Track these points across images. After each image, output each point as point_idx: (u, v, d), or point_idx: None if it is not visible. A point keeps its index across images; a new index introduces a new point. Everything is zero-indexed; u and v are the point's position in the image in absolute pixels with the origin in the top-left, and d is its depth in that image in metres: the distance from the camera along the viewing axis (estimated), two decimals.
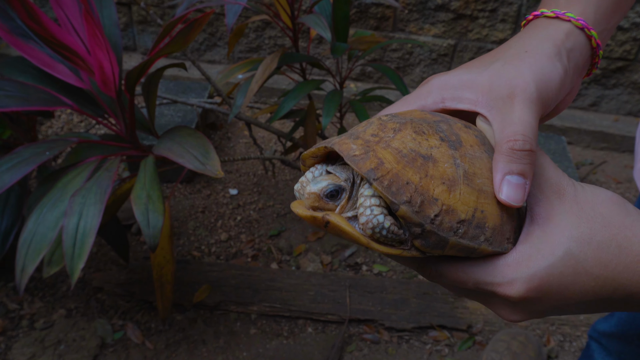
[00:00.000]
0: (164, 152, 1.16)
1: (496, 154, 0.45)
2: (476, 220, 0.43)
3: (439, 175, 0.42)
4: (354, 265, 1.84)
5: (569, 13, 0.52)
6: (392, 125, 0.45)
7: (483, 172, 0.45)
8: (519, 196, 0.43)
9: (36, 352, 1.52)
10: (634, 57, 2.46)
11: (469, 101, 0.48)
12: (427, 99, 0.49)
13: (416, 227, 0.41)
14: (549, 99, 0.49)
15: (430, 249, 0.42)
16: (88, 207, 1.09)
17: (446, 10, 2.48)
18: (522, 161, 0.44)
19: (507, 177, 0.43)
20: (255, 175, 2.22)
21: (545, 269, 0.42)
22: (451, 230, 0.42)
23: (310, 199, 0.43)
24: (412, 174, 0.42)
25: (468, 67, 0.50)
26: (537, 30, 0.52)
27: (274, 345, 1.59)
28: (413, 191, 0.41)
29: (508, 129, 0.45)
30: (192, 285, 1.69)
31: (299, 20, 1.49)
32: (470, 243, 0.43)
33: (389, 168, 0.42)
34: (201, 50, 2.77)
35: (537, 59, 0.49)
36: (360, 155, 0.43)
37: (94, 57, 1.12)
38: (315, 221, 0.43)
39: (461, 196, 0.43)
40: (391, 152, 0.43)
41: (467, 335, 1.63)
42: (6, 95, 1.15)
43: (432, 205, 0.42)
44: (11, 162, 1.14)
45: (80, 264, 1.06)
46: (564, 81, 0.50)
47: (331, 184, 0.44)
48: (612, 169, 2.39)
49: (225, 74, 1.68)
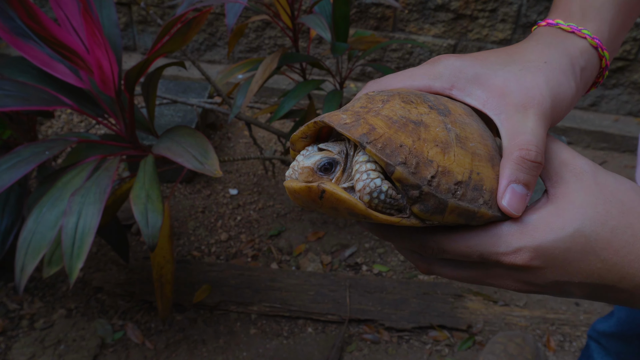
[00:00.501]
0: (163, 151, 1.16)
1: (505, 160, 0.44)
2: (473, 182, 0.42)
3: (431, 139, 0.42)
4: (354, 265, 1.84)
5: (585, 30, 0.51)
6: (380, 97, 0.45)
7: (475, 137, 0.44)
8: (520, 206, 0.43)
9: (36, 352, 1.52)
10: (634, 57, 2.46)
11: (478, 99, 0.47)
12: (435, 82, 0.48)
13: (414, 189, 0.40)
14: (558, 116, 0.48)
15: (429, 214, 0.41)
16: (87, 206, 1.09)
17: (446, 10, 2.48)
18: (530, 172, 0.44)
19: (512, 185, 0.43)
20: (255, 175, 2.22)
21: (552, 242, 0.41)
22: (449, 192, 0.41)
23: (304, 174, 0.42)
24: (404, 138, 0.41)
25: (482, 60, 0.49)
26: (555, 41, 0.51)
27: (274, 345, 1.59)
28: (407, 153, 0.41)
29: (521, 138, 0.44)
30: (192, 285, 1.69)
31: (299, 20, 1.49)
32: (469, 206, 0.42)
33: (381, 132, 0.41)
34: (201, 50, 2.77)
35: (556, 74, 0.48)
36: (351, 122, 0.42)
37: (93, 57, 1.12)
38: (310, 192, 0.41)
39: (456, 158, 0.42)
40: (382, 119, 0.42)
41: (467, 335, 1.63)
42: (6, 95, 1.15)
43: (427, 167, 0.41)
44: (11, 161, 1.14)
45: (79, 264, 1.06)
46: (573, 100, 0.50)
47: (325, 157, 0.43)
48: (612, 169, 2.39)
49: (225, 74, 1.68)
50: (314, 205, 0.43)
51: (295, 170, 0.44)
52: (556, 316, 1.69)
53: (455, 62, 0.48)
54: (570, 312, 1.72)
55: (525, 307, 1.72)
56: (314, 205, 0.43)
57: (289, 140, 0.47)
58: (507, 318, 1.67)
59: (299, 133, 0.46)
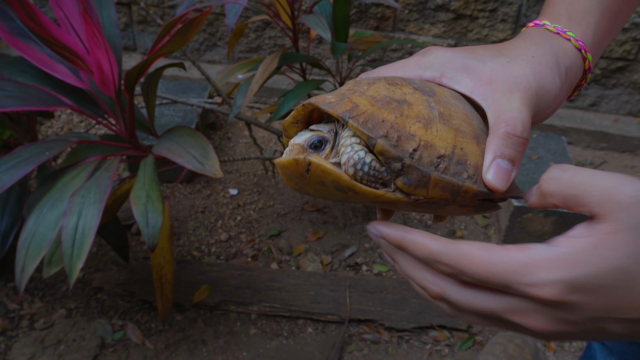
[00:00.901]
0: (163, 151, 1.16)
1: (491, 136, 0.45)
2: (456, 156, 0.43)
3: (414, 115, 0.43)
4: (354, 265, 1.84)
5: (570, 32, 0.53)
6: (367, 81, 0.47)
7: (459, 115, 0.45)
8: (504, 182, 0.43)
9: (36, 352, 1.52)
10: (634, 57, 2.46)
11: (466, 86, 0.48)
12: (425, 71, 0.49)
13: (396, 162, 0.41)
14: (542, 110, 0.49)
15: (413, 187, 0.42)
16: (87, 206, 1.09)
17: (446, 10, 2.48)
18: (516, 148, 0.44)
19: (497, 159, 0.43)
20: (255, 175, 2.22)
21: (591, 276, 0.36)
22: (432, 165, 0.42)
23: (295, 150, 0.43)
24: (387, 114, 0.42)
25: (472, 52, 0.50)
26: (542, 40, 0.53)
27: (274, 345, 1.59)
28: (389, 127, 0.42)
29: (507, 115, 0.45)
30: (192, 285, 1.69)
31: (299, 20, 1.49)
32: (453, 179, 0.42)
33: (364, 109, 0.42)
34: (201, 51, 2.77)
35: (542, 67, 0.49)
36: (335, 101, 0.44)
37: (92, 57, 1.12)
38: (298, 165, 0.42)
39: (438, 133, 0.43)
40: (365, 98, 0.44)
41: (467, 335, 1.63)
42: (6, 95, 1.15)
43: (409, 140, 0.42)
44: (11, 162, 1.14)
45: (79, 264, 1.06)
46: (558, 97, 0.51)
47: (315, 135, 0.44)
48: (612, 169, 2.39)
49: (225, 74, 1.68)
50: (302, 181, 0.43)
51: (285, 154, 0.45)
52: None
53: (445, 53, 0.50)
54: None
55: None
56: (303, 182, 0.44)
57: (282, 126, 0.48)
58: None
59: (289, 118, 0.47)
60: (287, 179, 0.45)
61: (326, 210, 2.04)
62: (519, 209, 1.81)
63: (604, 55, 2.47)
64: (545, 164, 2.01)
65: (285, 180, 0.46)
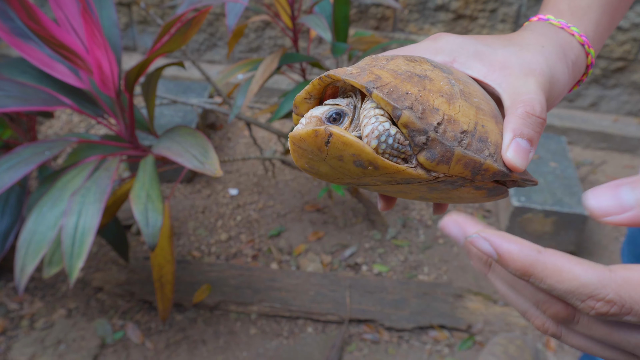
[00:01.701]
0: (163, 151, 1.16)
1: (509, 116, 0.44)
2: (478, 133, 0.42)
3: (436, 90, 0.42)
4: (354, 265, 1.84)
5: (574, 27, 0.53)
6: (384, 57, 0.46)
7: (478, 94, 0.45)
8: (524, 161, 0.43)
9: (36, 352, 1.52)
10: (634, 57, 2.46)
11: (479, 71, 0.48)
12: (436, 56, 0.49)
13: (420, 135, 0.40)
14: (551, 98, 0.49)
15: (435, 163, 0.41)
16: (87, 206, 1.09)
17: (446, 10, 2.48)
18: (535, 128, 0.44)
19: (517, 138, 0.43)
20: (255, 175, 2.22)
21: None
22: (455, 139, 0.41)
23: (312, 123, 0.41)
24: (410, 87, 0.41)
25: (482, 40, 0.50)
26: (549, 32, 0.53)
27: (274, 345, 1.59)
28: (414, 100, 0.41)
29: (525, 96, 0.45)
30: (192, 285, 1.69)
31: (299, 20, 1.49)
32: (475, 156, 0.41)
33: (387, 81, 0.41)
34: (201, 51, 2.77)
35: (553, 58, 0.50)
36: (357, 73, 0.42)
37: (92, 57, 1.12)
38: (317, 137, 0.40)
39: (461, 108, 0.42)
40: (387, 71, 0.43)
41: (467, 335, 1.63)
42: (6, 96, 1.15)
43: (433, 114, 0.41)
44: (11, 162, 1.14)
45: (79, 263, 1.06)
46: (565, 88, 0.51)
47: (333, 108, 0.42)
48: (612, 169, 2.39)
49: (225, 74, 1.68)
50: (318, 155, 0.41)
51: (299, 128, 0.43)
52: None
53: (456, 39, 0.50)
54: None
55: None
56: (318, 157, 0.41)
57: (294, 102, 0.46)
58: (507, 318, 1.67)
59: (303, 93, 0.45)
60: (298, 156, 0.42)
61: (326, 210, 2.04)
62: (518, 209, 1.81)
63: (604, 55, 2.47)
64: (545, 164, 2.01)
65: (295, 158, 0.43)
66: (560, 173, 1.97)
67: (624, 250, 0.97)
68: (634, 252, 0.91)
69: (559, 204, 1.81)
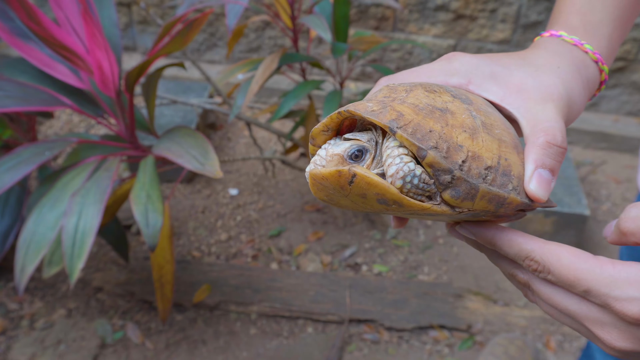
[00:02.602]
0: (163, 152, 1.16)
1: (530, 146, 0.44)
2: (502, 167, 0.42)
3: (459, 125, 0.42)
4: (354, 265, 1.84)
5: (587, 45, 0.52)
6: (403, 87, 0.45)
7: (499, 125, 0.44)
8: (546, 192, 0.43)
9: (36, 352, 1.52)
10: (634, 57, 2.46)
11: (496, 94, 0.47)
12: (452, 78, 0.48)
13: (445, 174, 0.40)
14: (570, 120, 0.49)
15: (460, 200, 0.40)
16: (87, 206, 1.09)
17: (446, 10, 2.48)
18: (556, 158, 0.43)
19: (539, 169, 0.43)
20: (255, 175, 2.22)
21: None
22: (480, 176, 0.41)
23: (334, 161, 0.41)
24: (433, 123, 0.41)
25: (497, 60, 0.49)
26: (562, 50, 0.52)
27: (274, 345, 1.59)
28: (437, 138, 0.40)
29: (545, 124, 0.44)
30: (192, 285, 1.69)
31: (299, 20, 1.49)
32: (499, 191, 0.41)
33: (409, 119, 0.41)
34: (201, 51, 2.77)
35: (569, 79, 0.49)
36: (378, 110, 0.41)
37: (92, 57, 1.12)
38: (340, 177, 0.39)
39: (484, 143, 0.42)
40: (408, 106, 0.42)
41: (467, 335, 1.63)
42: (6, 96, 1.15)
43: (458, 152, 0.40)
44: (11, 162, 1.14)
45: (79, 264, 1.06)
46: (582, 107, 0.51)
47: (355, 144, 0.42)
48: (612, 169, 2.39)
49: (225, 74, 1.68)
50: (340, 192, 0.41)
51: (318, 163, 0.42)
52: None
53: (471, 59, 0.49)
54: None
55: (525, 307, 1.72)
56: (340, 194, 0.41)
57: (310, 134, 0.45)
58: (507, 318, 1.67)
59: (320, 126, 0.44)
60: (318, 190, 0.42)
61: (326, 210, 2.04)
62: None
63: None
64: None
65: (314, 191, 0.43)
66: (560, 173, 1.97)
67: (622, 252, 0.97)
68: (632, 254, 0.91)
69: (559, 204, 1.81)
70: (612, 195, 2.22)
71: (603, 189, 2.26)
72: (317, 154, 0.43)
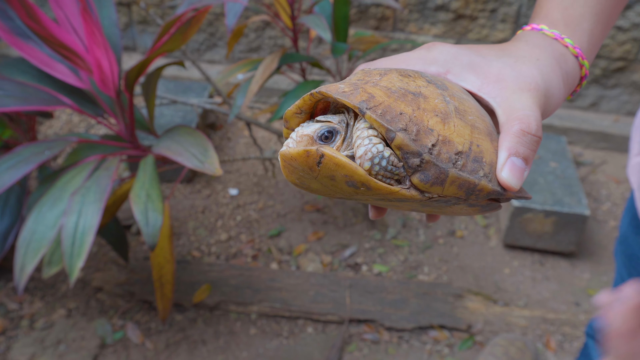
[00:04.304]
0: (163, 150, 1.16)
1: (504, 134, 0.44)
2: (473, 153, 0.42)
3: (431, 109, 0.41)
4: (354, 265, 1.84)
5: (567, 39, 0.52)
6: (377, 72, 0.45)
7: (473, 112, 0.44)
8: (519, 180, 0.43)
9: (36, 352, 1.52)
10: (634, 57, 2.46)
11: (473, 84, 0.47)
12: (430, 66, 0.48)
13: (414, 157, 0.39)
14: (547, 113, 0.49)
15: (429, 185, 0.40)
16: (87, 205, 1.09)
17: (446, 10, 2.48)
18: (530, 147, 0.43)
19: (512, 157, 0.43)
20: (255, 175, 2.22)
21: None
22: (450, 161, 0.40)
23: (303, 142, 0.41)
24: (404, 106, 0.41)
25: (476, 50, 0.49)
26: (543, 43, 0.52)
27: (274, 345, 1.59)
28: (408, 120, 0.40)
29: (520, 112, 0.44)
30: (192, 285, 1.69)
31: (299, 20, 1.49)
32: (470, 177, 0.41)
33: (380, 100, 0.41)
34: (201, 51, 2.77)
35: (548, 71, 0.49)
36: (349, 91, 0.41)
37: (92, 56, 1.12)
38: (308, 157, 0.39)
39: (456, 128, 0.41)
40: (380, 89, 0.42)
41: (467, 335, 1.63)
42: (6, 95, 1.15)
43: (428, 135, 0.40)
44: (11, 161, 1.14)
45: (79, 263, 1.06)
46: (560, 101, 0.51)
47: (325, 125, 0.42)
48: (612, 169, 2.39)
49: (225, 74, 1.68)
50: (309, 174, 0.41)
51: (290, 146, 0.42)
52: (556, 316, 1.69)
53: (450, 49, 0.49)
54: (570, 312, 1.72)
55: (525, 307, 1.72)
56: (310, 175, 0.41)
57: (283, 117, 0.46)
58: (507, 318, 1.67)
59: (293, 108, 0.44)
60: (289, 172, 0.42)
61: (326, 210, 2.04)
62: (518, 209, 1.81)
63: (604, 55, 2.47)
64: (545, 163, 2.01)
65: (286, 174, 0.43)
66: (560, 173, 1.97)
67: (616, 250, 0.97)
68: (626, 252, 0.91)
69: (559, 204, 1.81)
70: (612, 195, 2.22)
71: (603, 189, 2.26)
72: (290, 137, 0.43)
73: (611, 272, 1.86)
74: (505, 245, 1.93)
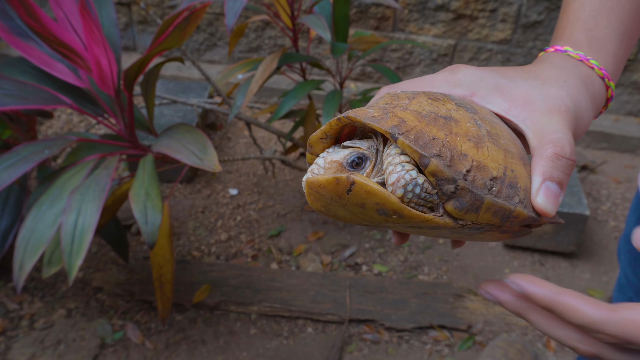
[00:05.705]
0: (162, 149, 1.16)
1: (538, 158, 0.42)
2: (508, 178, 0.40)
3: (463, 133, 0.40)
4: (354, 265, 1.84)
5: (593, 60, 0.51)
6: (405, 95, 0.43)
7: (505, 135, 0.42)
8: (554, 206, 0.41)
9: (36, 352, 1.51)
10: (634, 57, 2.46)
11: (500, 106, 0.46)
12: (455, 89, 0.47)
13: (449, 184, 0.38)
14: (576, 136, 0.47)
15: (464, 212, 0.39)
16: (86, 204, 1.09)
17: (446, 10, 2.48)
18: (564, 171, 0.42)
19: (547, 182, 0.41)
20: (255, 175, 2.22)
21: None
22: (485, 187, 0.39)
23: (332, 169, 0.39)
24: (436, 131, 0.39)
25: (502, 72, 0.48)
26: (568, 65, 0.51)
27: (274, 345, 1.58)
28: (441, 146, 0.38)
29: (553, 136, 0.43)
30: (192, 285, 1.68)
31: (299, 20, 1.49)
32: (505, 203, 0.39)
33: (412, 125, 0.39)
34: (201, 51, 2.78)
35: (576, 92, 0.47)
36: (379, 116, 0.40)
37: (91, 54, 1.12)
38: (338, 185, 0.38)
39: (490, 153, 0.40)
40: (410, 113, 0.40)
41: (467, 335, 1.63)
42: (6, 94, 1.15)
43: (462, 161, 0.38)
44: (10, 160, 1.14)
45: (78, 261, 1.05)
46: (588, 123, 0.49)
47: (354, 152, 0.40)
48: (612, 169, 2.39)
49: (225, 74, 1.68)
50: (337, 202, 0.39)
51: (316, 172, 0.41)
52: None
53: (475, 71, 0.48)
54: None
55: None
56: (338, 203, 0.39)
57: (308, 142, 0.43)
58: (507, 318, 1.67)
59: (319, 133, 0.42)
60: (315, 200, 0.40)
61: None
62: None
63: None
64: None
65: (311, 201, 0.41)
66: None
67: (620, 250, 0.96)
68: (632, 252, 0.90)
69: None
70: (612, 195, 2.22)
71: (603, 189, 2.25)
72: (315, 162, 0.41)
73: (611, 272, 1.86)
74: (505, 245, 1.92)
